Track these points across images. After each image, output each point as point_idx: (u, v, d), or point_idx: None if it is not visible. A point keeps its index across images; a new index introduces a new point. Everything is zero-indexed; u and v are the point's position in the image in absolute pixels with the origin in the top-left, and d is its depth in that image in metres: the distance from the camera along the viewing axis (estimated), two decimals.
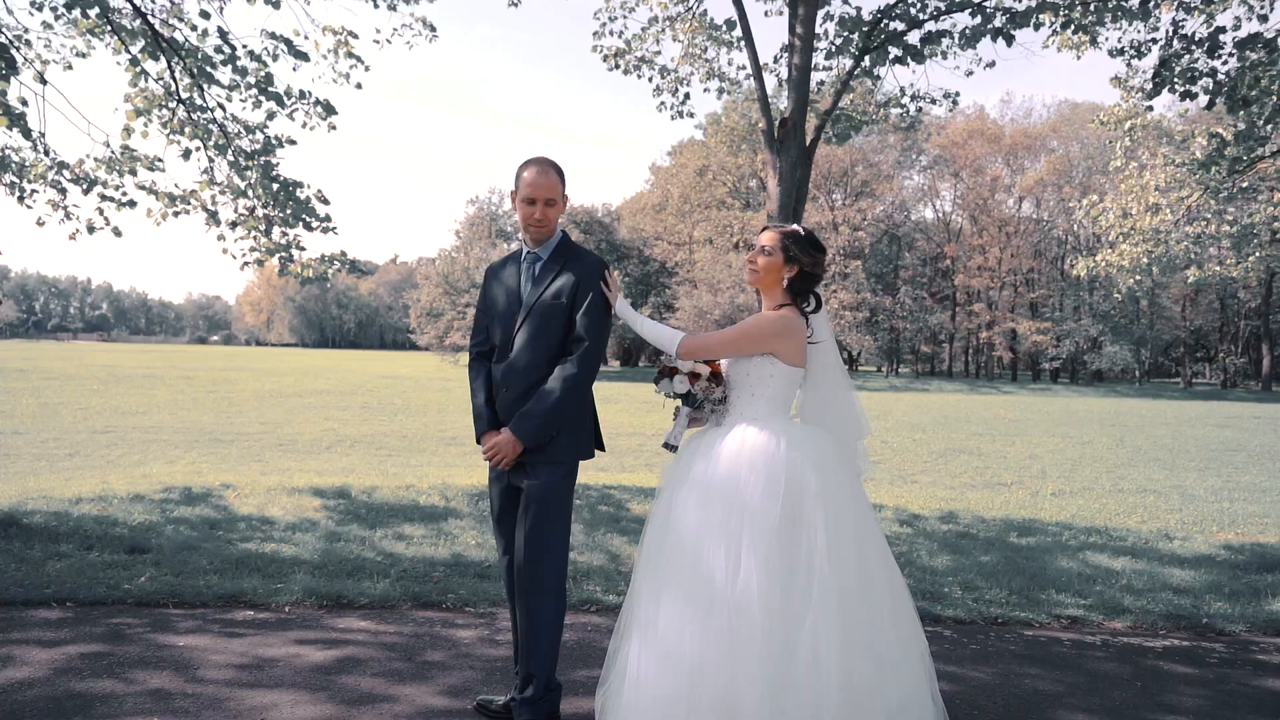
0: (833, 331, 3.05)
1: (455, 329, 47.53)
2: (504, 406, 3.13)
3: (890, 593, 2.76)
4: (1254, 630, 4.68)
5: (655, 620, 2.72)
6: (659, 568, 2.80)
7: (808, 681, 2.54)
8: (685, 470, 2.91)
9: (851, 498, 2.81)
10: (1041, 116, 59.63)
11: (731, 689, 2.55)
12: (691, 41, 8.94)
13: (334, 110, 8.01)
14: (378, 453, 14.16)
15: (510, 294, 3.20)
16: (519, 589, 3.08)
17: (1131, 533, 8.16)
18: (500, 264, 3.36)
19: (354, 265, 8.96)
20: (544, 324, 3.09)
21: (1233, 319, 57.31)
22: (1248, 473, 14.50)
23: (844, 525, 2.71)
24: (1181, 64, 7.63)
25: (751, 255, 3.04)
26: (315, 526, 6.86)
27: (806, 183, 6.56)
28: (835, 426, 2.96)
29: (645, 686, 2.65)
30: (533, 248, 3.19)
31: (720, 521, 2.71)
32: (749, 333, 2.92)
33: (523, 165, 3.15)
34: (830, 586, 2.62)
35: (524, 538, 3.05)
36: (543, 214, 3.09)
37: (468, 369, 3.36)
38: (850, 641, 2.60)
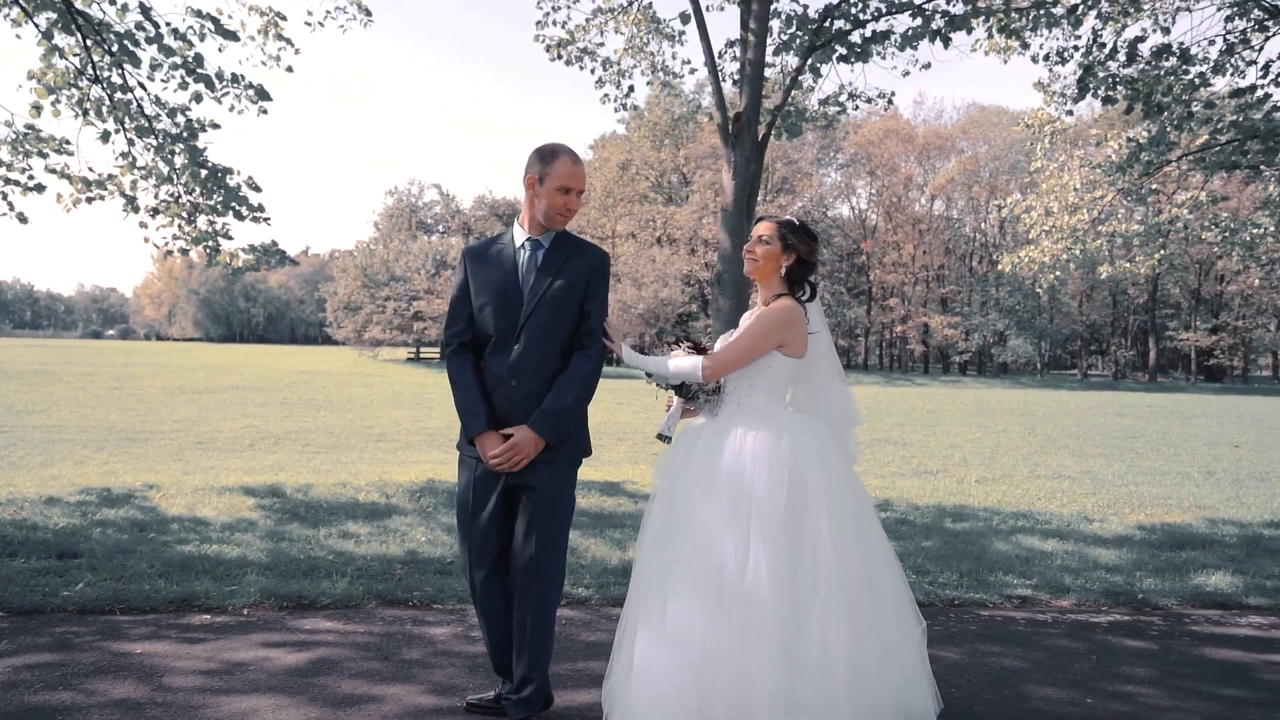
0: (825, 321, 3.11)
1: (374, 323, 46.34)
2: (513, 401, 2.96)
3: (890, 577, 2.84)
4: (1184, 604, 5.00)
5: (663, 612, 2.72)
6: (665, 559, 2.80)
7: (818, 668, 2.59)
8: (685, 462, 2.92)
9: (851, 486, 2.87)
10: (952, 118, 61.96)
11: (743, 678, 2.58)
12: (635, 34, 8.93)
13: (268, 95, 7.71)
14: (305, 450, 13.70)
15: (508, 281, 3.02)
16: (524, 589, 2.99)
17: (1055, 516, 8.58)
18: (481, 249, 3.15)
19: (285, 256, 8.66)
20: (555, 314, 2.99)
21: (1123, 314, 60.77)
22: (1147, 458, 15.42)
23: (846, 513, 2.77)
24: (1104, 71, 8.05)
25: (750, 246, 3.07)
26: (254, 526, 6.62)
27: (759, 176, 6.66)
28: (829, 415, 3.01)
29: (655, 678, 2.65)
30: (535, 235, 3.06)
31: (727, 512, 2.73)
32: (762, 332, 2.93)
33: (551, 153, 3.00)
34: (836, 573, 2.68)
35: (534, 538, 2.96)
36: (576, 203, 3.03)
37: (447, 363, 3.13)
38: (857, 627, 2.67)
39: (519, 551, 3.00)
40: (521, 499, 3.02)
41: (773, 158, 56.63)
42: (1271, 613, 4.93)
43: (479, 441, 2.98)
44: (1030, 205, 10.23)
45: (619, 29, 9.05)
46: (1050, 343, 58.36)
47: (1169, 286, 55.54)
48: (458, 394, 3.05)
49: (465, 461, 3.10)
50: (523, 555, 2.99)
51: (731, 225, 6.41)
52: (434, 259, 47.30)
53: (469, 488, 3.05)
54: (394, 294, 46.18)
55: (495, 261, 3.07)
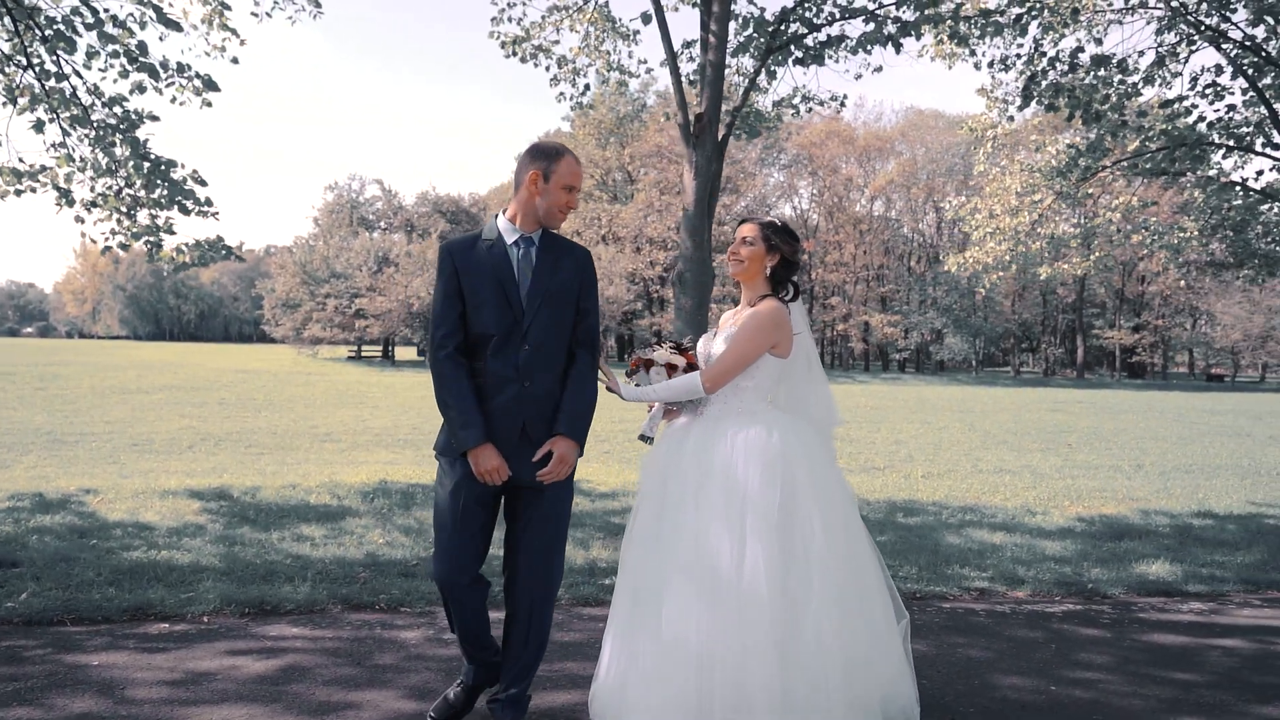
0: (807, 322, 3.15)
1: (314, 321, 45.22)
2: (526, 401, 2.88)
3: (874, 572, 2.90)
4: (1130, 592, 5.21)
5: (660, 614, 2.73)
6: (659, 561, 2.80)
7: (814, 663, 2.63)
8: (674, 462, 2.93)
9: (837, 483, 2.92)
10: (891, 121, 63.29)
11: (741, 676, 2.61)
12: (591, 33, 8.92)
13: (216, 86, 7.47)
14: (248, 451, 13.33)
15: (504, 280, 2.90)
16: (530, 597, 2.94)
17: (1000, 509, 8.85)
18: (467, 246, 2.97)
19: (230, 251, 8.43)
20: (558, 312, 2.94)
21: (1053, 314, 62.91)
22: (1081, 452, 16.01)
23: (835, 511, 2.82)
24: (1047, 79, 8.33)
25: (734, 247, 3.09)
26: (202, 531, 6.43)
27: (719, 177, 6.70)
28: (810, 415, 3.05)
29: (654, 678, 2.65)
30: (527, 232, 2.98)
31: (721, 511, 2.75)
32: (754, 336, 2.94)
33: (556, 152, 2.94)
34: (829, 570, 2.73)
35: (542, 544, 2.92)
36: (576, 203, 2.99)
37: (437, 366, 2.89)
38: (848, 622, 2.72)
39: (524, 558, 2.93)
40: (523, 504, 2.94)
41: None
42: (1209, 599, 5.17)
43: (476, 455, 2.82)
44: (975, 208, 10.52)
45: (574, 27, 9.03)
46: (985, 341, 60.06)
47: (1095, 287, 57.66)
48: (451, 402, 2.85)
49: (449, 470, 2.91)
50: (529, 562, 2.93)
51: (693, 225, 6.44)
52: (376, 256, 46.38)
53: (456, 499, 2.88)
54: (335, 291, 45.14)
55: (487, 259, 2.93)
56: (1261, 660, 3.97)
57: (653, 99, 52.91)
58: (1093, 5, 8.78)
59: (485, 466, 2.80)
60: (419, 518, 7.24)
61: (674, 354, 3.11)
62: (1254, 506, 9.55)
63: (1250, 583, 5.55)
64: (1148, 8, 9.07)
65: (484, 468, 2.81)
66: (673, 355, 3.11)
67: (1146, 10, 9.12)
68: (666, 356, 3.10)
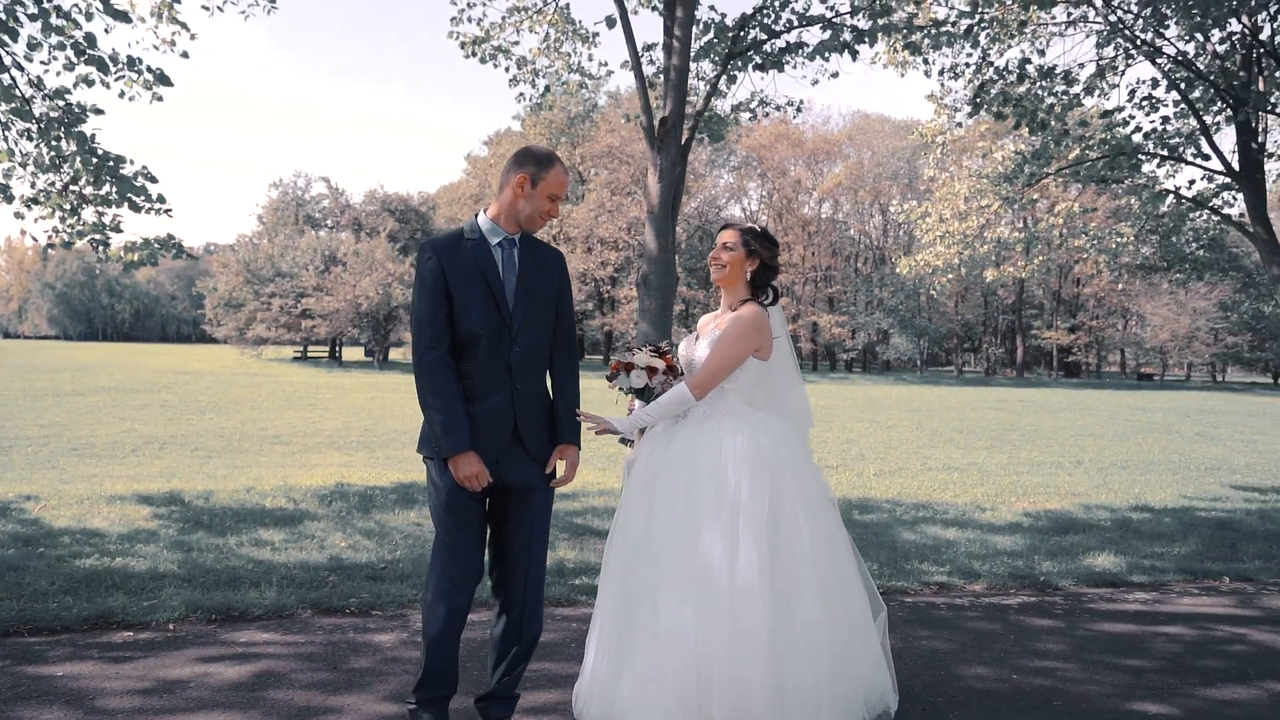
0: (786, 325, 3.23)
1: (259, 320, 44.14)
2: (519, 403, 2.89)
3: (854, 566, 3.00)
4: (1079, 584, 5.43)
5: (654, 614, 2.78)
6: (651, 562, 2.85)
7: (804, 659, 2.71)
8: (661, 464, 2.98)
9: (819, 484, 3.02)
10: (838, 125, 64.28)
11: (738, 674, 2.67)
12: (551, 35, 8.93)
13: (169, 81, 7.29)
14: (195, 454, 13.01)
15: (491, 280, 2.88)
16: (526, 595, 2.95)
17: (951, 506, 9.11)
18: (452, 245, 2.91)
19: (182, 249, 8.25)
20: (542, 313, 2.96)
21: (994, 314, 64.60)
22: (1024, 449, 16.54)
23: (817, 510, 2.92)
24: (995, 89, 8.61)
25: (715, 253, 3.16)
26: (155, 537, 6.29)
27: (683, 179, 6.79)
28: (786, 415, 3.14)
29: (651, 679, 2.70)
30: (510, 234, 2.97)
31: (712, 514, 2.81)
32: (737, 341, 2.99)
33: (548, 159, 2.93)
34: (815, 568, 2.82)
35: (534, 543, 2.95)
36: (557, 212, 3.01)
37: (427, 370, 2.82)
38: (833, 616, 2.81)
39: (518, 557, 2.95)
40: (513, 505, 2.95)
41: None
42: (1152, 589, 5.42)
43: (459, 461, 2.79)
44: (925, 212, 10.81)
45: (534, 29, 9.03)
46: (929, 341, 61.43)
47: (1034, 289, 59.39)
48: (439, 406, 2.79)
49: (441, 471, 2.86)
50: (523, 561, 2.94)
51: (658, 228, 6.51)
52: (323, 255, 45.47)
53: (455, 499, 2.84)
54: (280, 290, 44.13)
55: (473, 259, 2.89)
56: (1203, 646, 4.19)
57: (604, 99, 52.94)
58: (1037, 19, 9.10)
59: (466, 473, 2.79)
60: (380, 520, 7.17)
61: (653, 357, 3.16)
62: (1186, 500, 9.99)
63: (1188, 572, 5.83)
64: (1088, 22, 9.43)
65: (465, 474, 2.79)
66: (652, 358, 3.16)
67: (1087, 24, 9.48)
68: (646, 359, 3.15)
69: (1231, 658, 4.01)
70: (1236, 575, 5.81)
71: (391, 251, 46.11)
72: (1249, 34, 8.52)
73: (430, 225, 56.36)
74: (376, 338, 45.08)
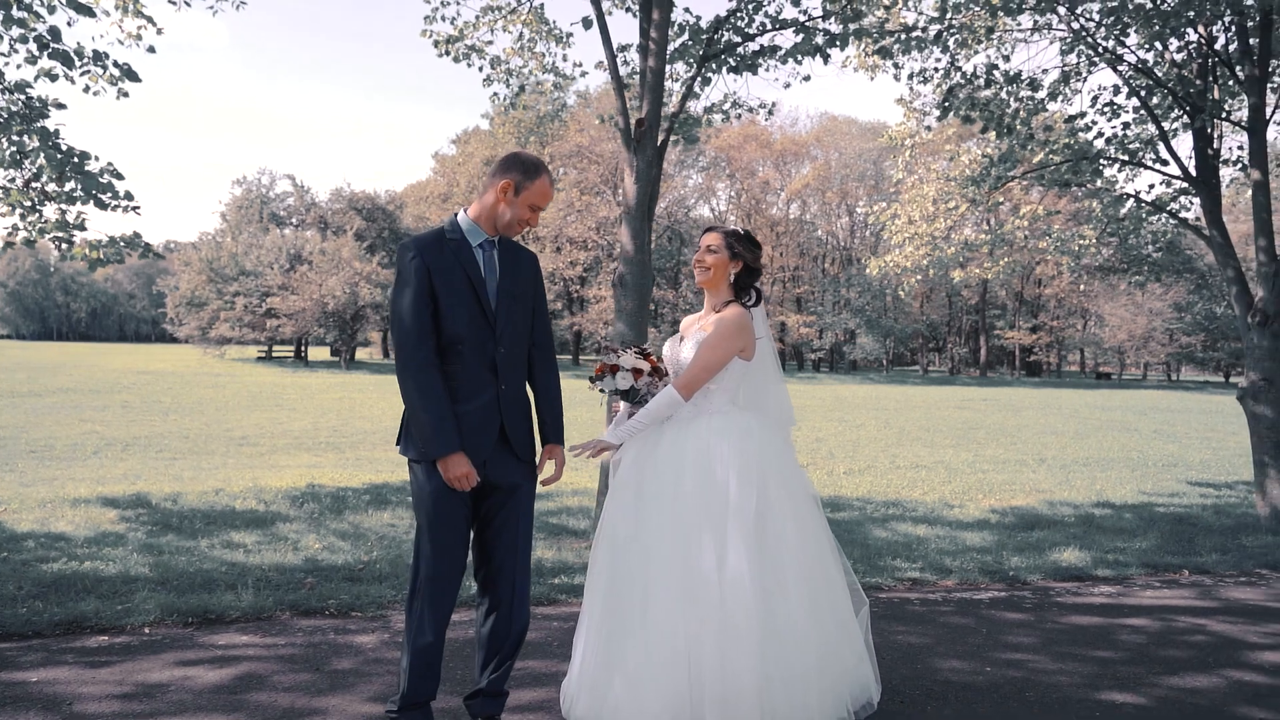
0: (768, 326, 3.29)
1: (222, 320, 43.38)
2: (504, 404, 2.92)
3: (836, 562, 3.06)
4: (1047, 578, 5.57)
5: (645, 612, 2.81)
6: (641, 561, 2.88)
7: (793, 654, 2.77)
8: (648, 464, 3.01)
9: (802, 481, 3.08)
10: (806, 126, 64.79)
11: (728, 672, 2.71)
12: (525, 34, 8.92)
13: (136, 76, 7.17)
14: (159, 456, 12.79)
15: (475, 281, 2.88)
16: (516, 594, 2.96)
17: (920, 503, 9.27)
18: (435, 244, 2.89)
19: (149, 248, 8.12)
20: (521, 314, 3.00)
21: (958, 315, 65.60)
22: (989, 447, 16.84)
23: (801, 507, 2.97)
24: (964, 93, 8.77)
25: (699, 256, 3.20)
26: (123, 540, 6.20)
27: (659, 181, 6.82)
28: (770, 414, 3.19)
29: (643, 677, 2.74)
30: (490, 236, 2.98)
31: (700, 512, 2.85)
32: (722, 343, 3.03)
33: (535, 168, 2.94)
34: (801, 565, 2.88)
35: (522, 538, 2.97)
36: (536, 221, 3.03)
37: (416, 371, 2.79)
38: (819, 613, 2.87)
39: (505, 554, 2.96)
40: (499, 503, 2.96)
41: None
42: (1116, 582, 5.58)
43: (449, 462, 2.79)
44: (895, 214, 10.96)
45: (507, 28, 9.02)
46: (895, 341, 62.17)
47: (996, 289, 60.40)
48: (428, 408, 2.78)
49: (429, 472, 2.85)
50: (511, 558, 2.96)
51: (634, 228, 6.54)
52: (288, 253, 44.80)
53: (445, 500, 2.83)
54: (244, 289, 43.41)
55: (455, 259, 2.89)
56: (1166, 636, 4.33)
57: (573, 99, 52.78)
58: (1003, 25, 9.27)
59: (456, 473, 2.80)
60: (353, 522, 7.13)
61: (638, 358, 3.19)
62: (1145, 496, 10.26)
63: (1150, 566, 6.00)
64: (1052, 29, 9.63)
65: (454, 474, 2.80)
66: (637, 360, 3.19)
67: (1051, 31, 9.68)
68: (631, 361, 3.18)
69: (1193, 648, 4.15)
70: (1195, 568, 6.00)
71: (358, 250, 45.62)
72: (1205, 44, 8.76)
73: (398, 224, 55.80)
74: (343, 337, 44.57)
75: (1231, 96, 9.13)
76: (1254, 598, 5.22)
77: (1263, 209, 8.30)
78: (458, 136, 62.91)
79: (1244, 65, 8.21)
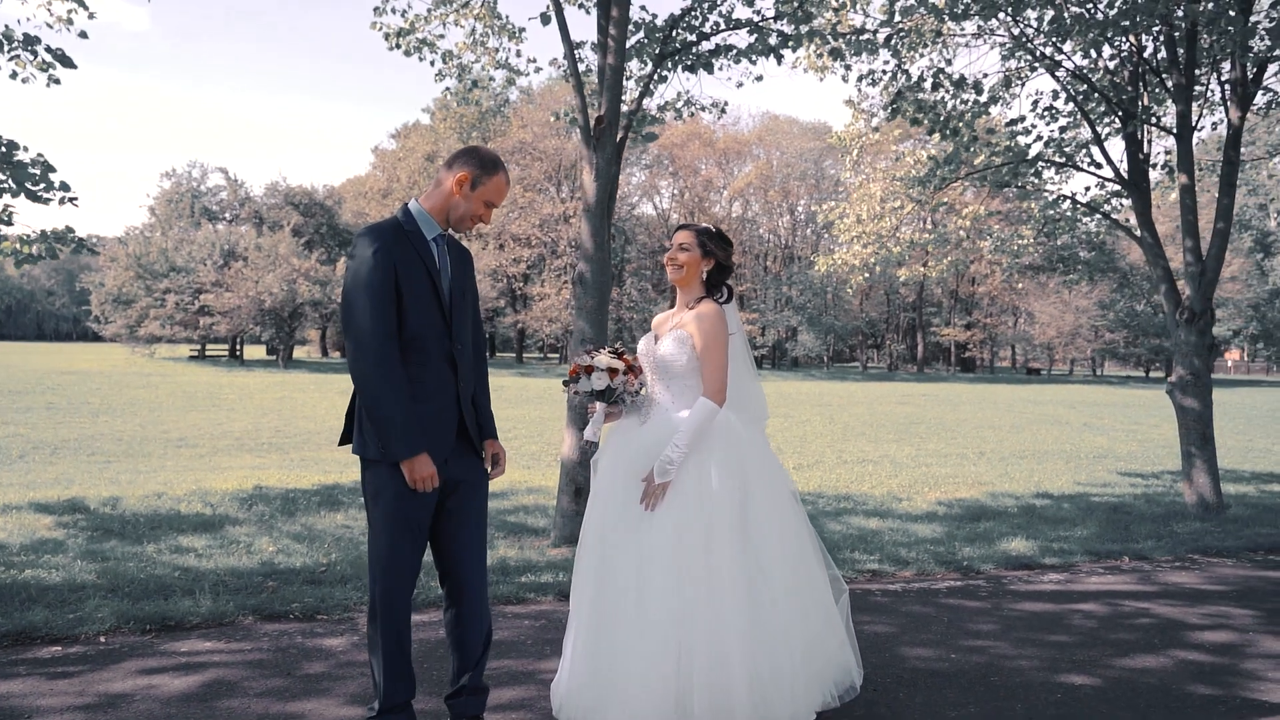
0: (740, 322, 3.33)
1: (151, 318, 41.81)
2: (464, 401, 2.91)
3: (816, 551, 3.12)
4: (999, 567, 5.76)
5: (635, 608, 2.82)
6: (627, 558, 2.88)
7: (779, 644, 2.81)
8: (629, 462, 3.02)
9: (780, 472, 3.13)
10: (749, 125, 65.43)
11: (717, 664, 2.74)
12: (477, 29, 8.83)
13: (71, 62, 6.89)
14: (92, 459, 12.30)
15: (434, 276, 2.83)
16: (478, 587, 2.96)
17: (870, 497, 9.48)
18: (396, 236, 2.80)
19: (82, 244, 7.83)
20: (471, 310, 3.00)
21: (896, 312, 67.10)
22: (930, 441, 17.29)
23: (781, 498, 3.02)
24: (912, 96, 8.99)
25: (671, 254, 3.22)
26: (63, 547, 5.98)
27: (617, 179, 6.83)
28: (745, 410, 3.22)
29: (632, 675, 2.74)
30: (443, 229, 2.94)
31: (684, 507, 2.87)
32: (718, 342, 3.05)
33: (493, 163, 2.90)
34: (786, 555, 2.92)
35: (480, 534, 2.97)
36: (489, 219, 3.00)
37: (381, 367, 2.69)
38: (803, 603, 2.93)
39: (467, 552, 2.94)
40: (459, 502, 2.94)
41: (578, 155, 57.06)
42: (1063, 570, 5.80)
43: (415, 463, 2.71)
44: (843, 212, 11.17)
45: (459, 22, 8.92)
46: (835, 338, 63.30)
47: (933, 287, 61.96)
48: (393, 408, 2.69)
49: (392, 476, 2.76)
50: (471, 556, 2.94)
51: (594, 226, 6.54)
52: (222, 249, 43.39)
53: (408, 505, 2.77)
54: (175, 286, 41.90)
55: (416, 251, 2.82)
56: (1114, 620, 4.52)
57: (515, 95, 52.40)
58: (948, 30, 9.53)
59: (422, 474, 2.73)
60: (306, 523, 6.98)
61: (613, 358, 3.19)
62: (1080, 487, 10.67)
63: (1092, 553, 6.25)
64: (994, 34, 9.93)
65: (421, 474, 2.73)
66: (612, 359, 3.19)
67: (992, 36, 9.99)
68: (606, 361, 3.17)
69: (1139, 630, 4.35)
70: (1134, 555, 6.27)
71: (296, 246, 44.44)
72: (1136, 52, 9.14)
73: (336, 220, 54.56)
74: (280, 335, 43.39)
75: (1159, 104, 9.55)
76: (1190, 581, 5.49)
77: (1189, 211, 8.70)
78: (398, 131, 61.88)
79: (1171, 74, 8.58)
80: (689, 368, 3.10)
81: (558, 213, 54.25)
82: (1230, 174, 8.51)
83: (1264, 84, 8.79)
